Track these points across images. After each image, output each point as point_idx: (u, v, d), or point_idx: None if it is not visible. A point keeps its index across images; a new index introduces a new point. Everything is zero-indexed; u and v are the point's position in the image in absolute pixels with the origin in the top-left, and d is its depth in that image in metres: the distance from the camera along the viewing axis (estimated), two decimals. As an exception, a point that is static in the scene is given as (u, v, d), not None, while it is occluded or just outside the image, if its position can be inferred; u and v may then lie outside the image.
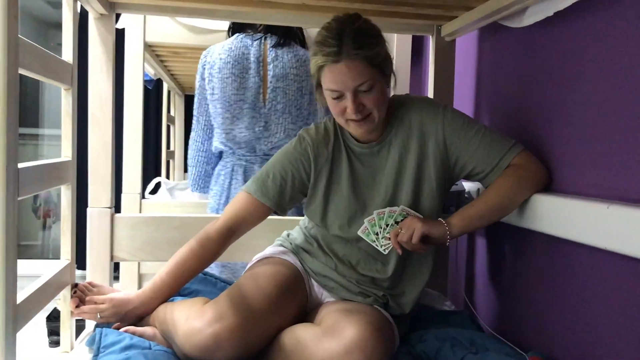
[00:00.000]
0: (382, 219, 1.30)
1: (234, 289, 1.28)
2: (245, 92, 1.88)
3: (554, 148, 1.29)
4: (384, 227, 1.30)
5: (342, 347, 1.10)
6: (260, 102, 1.90)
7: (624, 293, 1.06)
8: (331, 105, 1.26)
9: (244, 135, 1.90)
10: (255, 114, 1.89)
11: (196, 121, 2.02)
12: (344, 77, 1.19)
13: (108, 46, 1.58)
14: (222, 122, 1.90)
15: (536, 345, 1.33)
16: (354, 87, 1.20)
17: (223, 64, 1.88)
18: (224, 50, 1.90)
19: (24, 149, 4.35)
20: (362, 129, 1.26)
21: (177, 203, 2.65)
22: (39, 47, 1.14)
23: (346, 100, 1.22)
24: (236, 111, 1.89)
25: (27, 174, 1.05)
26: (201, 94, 1.97)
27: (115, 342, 1.25)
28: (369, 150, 1.34)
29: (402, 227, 1.26)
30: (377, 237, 1.31)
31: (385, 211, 1.30)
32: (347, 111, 1.23)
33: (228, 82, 1.87)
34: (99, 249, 1.60)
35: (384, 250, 1.31)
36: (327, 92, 1.23)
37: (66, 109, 1.38)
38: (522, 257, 1.44)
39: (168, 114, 3.68)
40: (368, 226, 1.31)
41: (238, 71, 1.88)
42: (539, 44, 1.37)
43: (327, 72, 1.21)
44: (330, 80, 1.21)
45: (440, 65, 1.81)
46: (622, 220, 0.98)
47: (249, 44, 1.91)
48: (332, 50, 1.18)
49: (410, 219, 1.26)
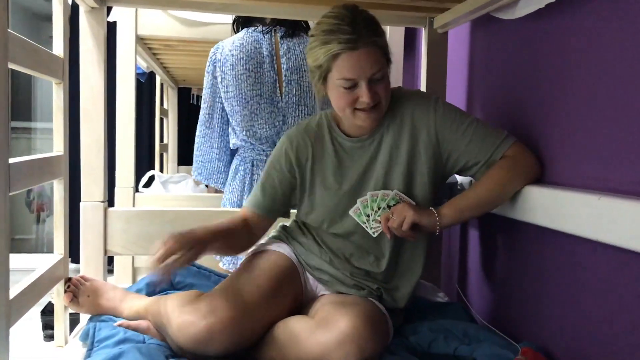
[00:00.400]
0: (374, 202, 1.30)
1: (228, 282, 1.28)
2: (261, 87, 1.86)
3: (546, 140, 1.30)
4: (376, 209, 1.30)
5: (335, 339, 1.11)
6: (277, 96, 1.88)
7: (615, 284, 1.06)
8: (340, 96, 1.23)
9: (264, 131, 1.89)
10: (273, 109, 1.88)
11: (209, 118, 1.97)
12: (361, 64, 1.18)
13: (99, 39, 1.57)
14: (242, 119, 1.88)
15: (528, 336, 1.34)
16: (370, 75, 1.19)
17: (236, 61, 1.85)
18: (234, 47, 1.87)
19: (17, 142, 4.33)
20: (371, 119, 1.25)
21: (170, 196, 2.65)
22: (29, 41, 1.13)
23: (359, 90, 1.21)
24: (254, 107, 1.87)
25: (18, 169, 1.05)
26: (213, 92, 1.94)
27: (109, 336, 1.26)
28: (359, 144, 1.33)
29: (393, 212, 1.26)
30: (367, 219, 1.31)
31: (379, 194, 1.30)
32: (359, 100, 1.21)
33: (242, 78, 1.85)
34: (92, 243, 1.60)
35: (373, 233, 1.31)
36: (340, 81, 1.21)
37: (58, 103, 1.37)
38: (514, 248, 1.44)
39: (161, 107, 3.67)
40: (360, 207, 1.31)
41: (252, 66, 1.86)
42: (531, 35, 1.37)
43: (344, 60, 1.19)
44: (346, 68, 1.19)
45: (433, 57, 1.81)
46: (613, 212, 0.98)
47: (260, 38, 1.89)
48: (349, 38, 1.17)
49: (402, 205, 1.26)
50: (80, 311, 1.44)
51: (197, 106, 4.22)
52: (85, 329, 1.32)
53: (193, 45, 2.59)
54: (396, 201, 1.30)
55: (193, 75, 3.65)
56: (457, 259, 1.82)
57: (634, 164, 1.02)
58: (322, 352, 1.12)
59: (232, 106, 1.88)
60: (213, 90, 1.93)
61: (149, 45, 2.64)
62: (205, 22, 2.29)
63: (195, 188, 3.15)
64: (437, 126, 1.30)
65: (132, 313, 1.39)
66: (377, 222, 1.30)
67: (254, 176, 1.94)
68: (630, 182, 1.03)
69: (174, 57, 2.94)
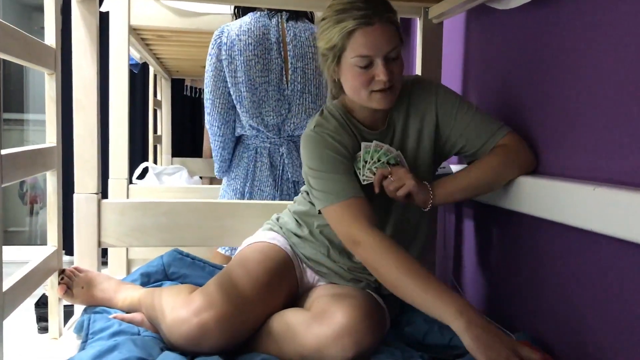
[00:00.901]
0: (377, 152, 1.28)
1: (222, 276, 1.27)
2: (269, 74, 1.85)
3: (540, 130, 1.30)
4: (375, 160, 1.28)
5: (332, 333, 1.10)
6: (283, 84, 1.87)
7: (610, 274, 1.07)
8: (355, 76, 1.20)
9: (271, 118, 1.87)
10: (280, 96, 1.87)
11: (211, 104, 1.92)
12: (378, 40, 1.16)
13: (92, 30, 1.55)
14: (251, 105, 1.85)
15: (523, 326, 1.35)
16: (386, 52, 1.18)
17: (244, 46, 1.83)
18: (242, 31, 1.85)
19: (10, 134, 4.30)
20: (387, 100, 1.23)
21: (164, 188, 2.64)
22: (21, 31, 1.12)
23: (375, 68, 1.19)
24: (262, 94, 1.85)
25: (10, 161, 1.04)
26: (217, 76, 1.88)
27: (104, 328, 1.25)
28: (379, 137, 1.32)
29: (393, 173, 1.25)
30: (363, 165, 1.29)
31: (384, 147, 1.29)
32: (375, 80, 1.19)
33: (252, 64, 1.83)
34: (86, 235, 1.59)
35: (363, 180, 1.28)
36: (356, 59, 1.18)
37: (50, 94, 1.36)
38: (509, 239, 1.45)
39: (155, 98, 3.65)
40: (362, 151, 1.29)
41: (260, 52, 1.84)
42: (527, 26, 1.36)
43: (360, 36, 1.16)
44: (362, 45, 1.17)
45: (428, 47, 1.80)
46: (609, 202, 0.98)
47: (267, 23, 1.87)
48: (365, 13, 1.15)
49: (404, 171, 1.25)
50: (74, 302, 1.43)
51: (190, 97, 4.21)
52: (80, 321, 1.31)
53: (186, 35, 2.57)
54: (396, 161, 1.29)
55: (186, 67, 3.64)
56: (452, 249, 1.82)
57: (630, 155, 1.02)
58: (318, 345, 1.11)
59: (240, 92, 1.86)
60: (216, 73, 1.89)
61: (142, 36, 2.62)
62: (198, 13, 2.28)
63: (190, 180, 3.14)
64: (438, 110, 1.32)
65: (126, 304, 1.39)
66: (371, 172, 1.28)
67: (258, 164, 1.93)
68: (625, 173, 1.03)
69: (167, 47, 2.93)
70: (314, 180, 1.26)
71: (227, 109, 1.91)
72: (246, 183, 1.93)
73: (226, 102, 1.90)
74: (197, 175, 3.55)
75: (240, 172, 1.95)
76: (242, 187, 1.93)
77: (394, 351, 1.16)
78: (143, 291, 1.39)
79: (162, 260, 1.59)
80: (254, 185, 1.93)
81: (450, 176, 1.31)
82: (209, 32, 2.39)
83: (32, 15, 4.62)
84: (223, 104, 1.90)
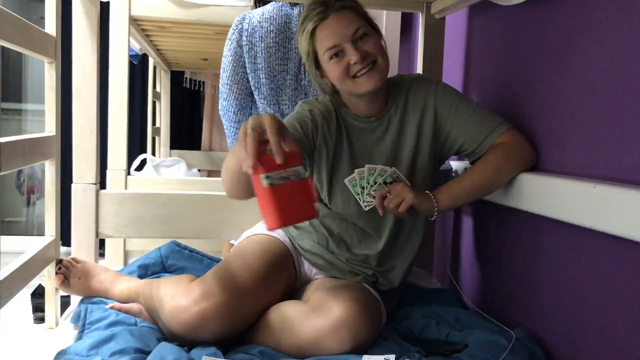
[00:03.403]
0: (371, 175, 1.29)
1: (221, 267, 1.27)
2: (288, 62, 1.85)
3: (541, 127, 1.29)
4: (372, 184, 1.29)
5: (329, 325, 1.11)
6: (301, 74, 1.87)
7: (609, 272, 1.07)
8: (333, 69, 1.23)
9: (286, 107, 1.87)
10: (297, 86, 1.87)
11: (229, 90, 1.91)
12: (336, 27, 1.20)
13: (92, 19, 1.55)
14: (269, 92, 1.86)
15: (521, 323, 1.35)
16: (350, 35, 1.20)
17: (265, 33, 1.83)
18: (264, 19, 1.85)
19: (7, 124, 4.28)
20: (373, 80, 1.22)
21: (163, 180, 2.62)
22: (22, 19, 1.11)
23: (347, 54, 1.21)
24: (280, 82, 1.85)
25: (9, 149, 1.03)
26: (236, 61, 1.88)
27: (101, 319, 1.25)
28: (368, 126, 1.32)
29: (391, 191, 1.24)
30: (362, 192, 1.30)
31: (377, 168, 1.30)
32: (351, 64, 1.20)
33: (272, 51, 1.83)
34: (83, 225, 1.58)
35: (365, 207, 1.30)
36: (326, 53, 1.22)
37: (50, 82, 1.35)
38: (507, 235, 1.45)
39: (154, 90, 3.64)
40: (357, 177, 1.30)
41: (281, 40, 1.84)
42: (529, 22, 1.36)
43: (320, 32, 1.22)
44: (325, 38, 1.21)
45: (430, 43, 1.80)
46: (608, 200, 0.98)
47: (289, 13, 1.87)
48: (318, 11, 1.21)
49: (402, 186, 1.24)
50: (71, 293, 1.43)
51: (190, 90, 4.19)
52: (77, 311, 1.31)
53: (187, 27, 2.56)
54: (393, 179, 1.29)
55: (186, 59, 3.62)
56: (450, 245, 1.82)
57: (630, 152, 1.02)
58: (316, 337, 1.12)
59: (258, 78, 1.85)
60: (236, 59, 1.88)
61: (142, 27, 2.61)
62: (199, 4, 2.26)
63: (188, 172, 3.13)
64: (438, 108, 1.31)
65: (123, 295, 1.38)
66: (371, 196, 1.29)
67: None
68: (626, 170, 1.03)
69: (168, 39, 2.91)
70: None
71: (244, 95, 1.91)
72: None
73: (244, 88, 1.90)
74: (196, 168, 3.54)
75: None
76: None
77: (391, 345, 1.17)
78: (141, 282, 1.39)
79: (160, 252, 1.59)
80: None
81: (453, 180, 1.30)
82: (210, 24, 2.38)
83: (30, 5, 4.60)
84: (240, 89, 1.90)
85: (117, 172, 2.20)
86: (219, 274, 1.22)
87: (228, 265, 1.27)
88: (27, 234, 4.28)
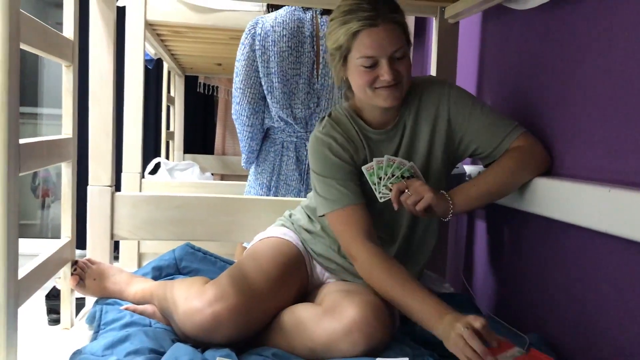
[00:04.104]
0: (390, 167, 1.27)
1: (234, 269, 1.28)
2: (300, 67, 1.86)
3: (556, 131, 1.29)
4: (389, 176, 1.28)
5: (342, 327, 1.11)
6: (314, 78, 1.88)
7: (624, 277, 1.06)
8: (360, 75, 1.22)
9: (299, 111, 1.88)
10: (309, 90, 1.88)
11: (242, 94, 1.91)
12: (382, 41, 1.18)
13: (109, 23, 1.57)
14: (282, 96, 1.86)
15: (535, 327, 1.34)
16: (391, 52, 1.20)
17: (278, 37, 1.84)
18: (277, 23, 1.86)
19: (23, 128, 4.31)
20: (392, 97, 1.23)
21: (177, 183, 2.65)
22: (41, 22, 1.13)
23: (379, 68, 1.20)
24: (292, 86, 1.86)
25: (28, 150, 1.05)
26: (249, 65, 1.89)
27: (116, 319, 1.26)
28: (385, 136, 1.33)
29: (409, 187, 1.23)
30: (378, 182, 1.28)
31: (396, 160, 1.28)
32: (380, 78, 1.21)
33: (285, 55, 1.84)
34: (99, 227, 1.60)
35: (380, 198, 1.28)
36: (361, 59, 1.20)
37: (67, 85, 1.37)
38: (521, 240, 1.44)
39: (168, 95, 3.66)
40: (375, 166, 1.28)
41: (294, 44, 1.85)
42: (543, 26, 1.36)
43: (364, 37, 1.19)
44: (366, 46, 1.19)
45: (443, 47, 1.80)
46: (624, 204, 0.98)
47: (302, 17, 1.88)
48: (369, 15, 1.17)
49: (421, 184, 1.24)
50: (86, 294, 1.44)
51: (203, 95, 4.22)
52: (92, 312, 1.32)
53: (202, 32, 2.58)
54: (410, 174, 1.28)
55: (200, 64, 3.65)
56: (463, 250, 1.82)
57: (646, 156, 1.01)
58: (329, 340, 1.12)
59: (271, 82, 1.86)
60: (249, 63, 1.88)
61: (157, 32, 2.63)
62: (214, 9, 2.29)
63: (201, 176, 3.15)
64: (451, 111, 1.31)
65: (137, 297, 1.39)
66: (387, 188, 1.27)
67: (284, 158, 1.93)
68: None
69: (182, 44, 2.93)
70: (317, 183, 1.32)
71: (257, 99, 1.91)
72: (272, 177, 1.94)
73: (257, 92, 1.91)
74: (209, 172, 3.56)
75: (267, 166, 1.96)
76: (269, 181, 1.95)
77: (404, 348, 1.16)
78: (155, 284, 1.40)
79: (174, 254, 1.60)
80: (279, 180, 1.94)
81: (468, 183, 1.30)
82: (225, 29, 2.40)
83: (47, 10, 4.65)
84: (253, 93, 1.91)
85: (131, 175, 2.22)
86: (233, 276, 1.23)
87: (242, 268, 1.27)
88: (42, 237, 4.32)
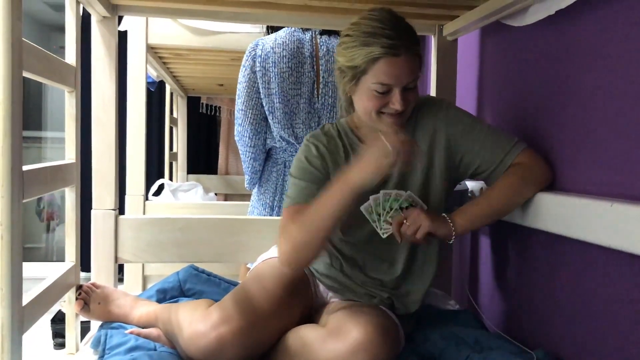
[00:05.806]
0: (387, 201, 1.28)
1: (238, 291, 1.27)
2: (301, 87, 1.87)
3: (557, 146, 1.29)
4: (388, 210, 1.27)
5: (347, 348, 1.10)
6: (314, 98, 1.89)
7: (628, 291, 1.06)
8: (370, 100, 1.21)
9: (300, 131, 1.89)
10: (310, 109, 1.89)
11: (243, 115, 1.93)
12: (401, 71, 1.18)
13: (111, 48, 1.58)
14: (283, 117, 1.87)
15: (541, 344, 1.33)
16: (406, 83, 1.19)
17: (278, 58, 1.86)
18: (277, 44, 1.88)
19: (28, 152, 4.36)
20: (397, 123, 1.24)
21: (180, 204, 2.65)
22: (43, 50, 1.15)
23: (391, 96, 1.20)
24: (293, 106, 1.87)
25: (32, 176, 1.05)
26: (250, 87, 1.90)
27: (121, 344, 1.26)
28: None
29: (407, 218, 1.23)
30: (378, 219, 1.28)
31: (392, 193, 1.28)
32: (390, 106, 1.21)
33: (285, 76, 1.85)
34: (103, 250, 1.60)
35: (382, 234, 1.28)
36: (375, 85, 1.19)
37: (70, 111, 1.38)
38: (526, 255, 1.44)
39: (171, 116, 3.69)
40: (372, 204, 1.28)
41: (294, 65, 1.86)
42: (541, 42, 1.37)
43: (384, 65, 1.17)
44: (385, 73, 1.18)
45: (442, 64, 1.81)
46: (626, 218, 0.98)
47: (302, 37, 1.90)
48: (392, 43, 1.16)
49: (418, 212, 1.23)
50: (91, 318, 1.44)
51: (206, 115, 4.24)
52: (97, 336, 1.32)
53: (203, 54, 2.61)
54: (409, 203, 1.28)
55: (202, 85, 3.68)
56: (468, 266, 1.81)
57: (647, 170, 1.01)
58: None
59: (272, 103, 1.87)
60: (250, 84, 1.90)
61: (159, 54, 2.66)
62: (215, 31, 2.31)
63: (205, 196, 3.16)
64: (449, 131, 1.31)
65: (142, 320, 1.39)
66: (387, 223, 1.28)
67: (286, 177, 1.94)
68: (643, 188, 1.02)
69: (184, 66, 2.96)
70: (289, 182, 1.34)
71: (259, 120, 1.93)
72: (275, 197, 1.95)
73: (258, 113, 1.92)
74: (212, 192, 3.56)
75: (270, 186, 1.97)
76: (272, 201, 1.95)
77: (410, 367, 1.16)
78: (159, 307, 1.40)
79: (178, 277, 1.60)
80: (282, 199, 1.95)
81: (469, 203, 1.29)
82: (226, 50, 2.42)
83: (49, 35, 4.70)
84: (255, 115, 1.92)
85: (135, 197, 2.23)
86: (237, 299, 1.23)
87: (246, 289, 1.27)
88: (47, 260, 4.32)
